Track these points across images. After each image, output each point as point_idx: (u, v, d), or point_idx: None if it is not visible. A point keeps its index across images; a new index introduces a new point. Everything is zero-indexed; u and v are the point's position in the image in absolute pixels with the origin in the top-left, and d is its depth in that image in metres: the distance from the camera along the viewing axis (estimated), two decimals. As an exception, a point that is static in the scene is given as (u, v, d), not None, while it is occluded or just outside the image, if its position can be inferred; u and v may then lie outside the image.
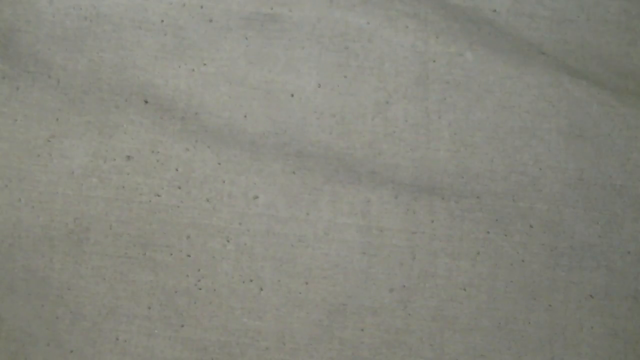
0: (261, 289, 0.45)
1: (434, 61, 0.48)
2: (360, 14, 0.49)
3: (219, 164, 0.47)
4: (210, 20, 0.48)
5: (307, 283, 0.45)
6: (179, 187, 0.46)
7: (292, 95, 0.48)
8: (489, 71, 0.48)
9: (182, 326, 0.45)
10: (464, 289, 0.45)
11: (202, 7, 0.48)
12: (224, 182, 0.47)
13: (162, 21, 0.48)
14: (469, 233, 0.46)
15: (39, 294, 0.44)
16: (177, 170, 0.46)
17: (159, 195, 0.46)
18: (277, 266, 0.45)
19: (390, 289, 0.45)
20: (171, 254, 0.45)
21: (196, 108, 0.47)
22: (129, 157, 0.46)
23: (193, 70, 0.48)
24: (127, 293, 0.43)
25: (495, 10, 0.49)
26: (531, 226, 0.46)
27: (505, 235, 0.46)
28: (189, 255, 0.45)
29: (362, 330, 0.45)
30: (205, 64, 0.48)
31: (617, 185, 0.47)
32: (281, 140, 0.47)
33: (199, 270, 0.45)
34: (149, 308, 0.44)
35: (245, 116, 0.47)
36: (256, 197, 0.47)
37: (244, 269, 0.45)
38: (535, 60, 0.48)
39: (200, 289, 0.45)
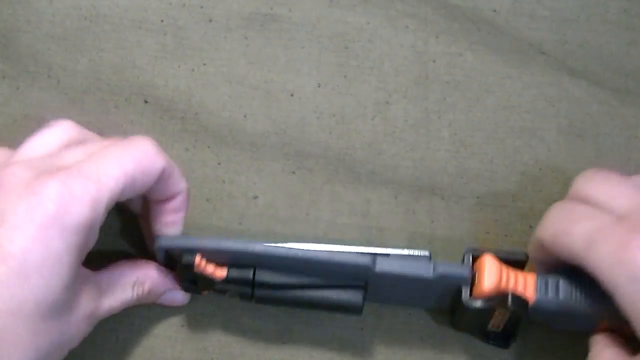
0: (261, 289, 0.45)
1: (434, 61, 0.48)
2: (360, 14, 0.49)
3: (219, 164, 0.47)
4: (210, 20, 0.48)
5: (307, 283, 0.45)
6: (179, 187, 0.46)
7: (292, 95, 0.48)
8: (489, 71, 0.48)
9: (182, 326, 0.45)
10: (464, 289, 0.45)
11: (202, 7, 0.48)
12: (224, 182, 0.47)
13: (162, 21, 0.48)
14: (468, 233, 0.46)
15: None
16: (177, 170, 0.46)
17: (159, 195, 0.46)
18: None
19: (390, 289, 0.45)
20: (171, 254, 0.45)
21: (196, 108, 0.47)
22: (129, 157, 0.45)
23: (193, 70, 0.48)
24: (127, 293, 0.43)
25: (495, 10, 0.49)
26: (531, 226, 0.46)
27: (505, 236, 0.46)
28: (189, 255, 0.45)
29: (362, 330, 0.45)
30: (205, 64, 0.48)
31: (617, 185, 0.47)
32: (281, 140, 0.47)
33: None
34: (149, 308, 0.44)
35: (245, 116, 0.47)
36: (256, 197, 0.47)
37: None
38: (535, 60, 0.48)
39: (200, 289, 0.45)
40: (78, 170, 0.36)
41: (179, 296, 0.43)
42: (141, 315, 0.44)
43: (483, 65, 0.48)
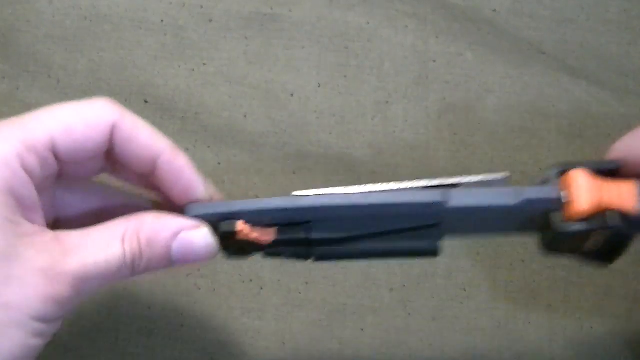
0: (261, 289, 0.45)
1: (434, 61, 0.48)
2: (360, 14, 0.49)
3: (219, 163, 0.47)
4: (210, 20, 0.48)
5: (307, 283, 0.45)
6: (179, 187, 0.46)
7: (292, 95, 0.48)
8: (489, 71, 0.48)
9: (182, 326, 0.45)
10: (464, 289, 0.45)
11: (202, 7, 0.48)
12: (224, 182, 0.47)
13: (162, 21, 0.48)
14: (469, 233, 0.46)
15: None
16: (177, 170, 0.46)
17: (159, 195, 0.46)
18: (277, 266, 0.45)
19: (390, 288, 0.45)
20: (171, 254, 0.45)
21: (196, 108, 0.47)
22: (129, 157, 0.45)
23: (193, 70, 0.48)
24: (127, 293, 0.43)
25: (495, 10, 0.49)
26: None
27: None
28: (188, 255, 0.45)
29: (362, 330, 0.45)
30: (205, 64, 0.48)
31: (617, 185, 0.47)
32: (281, 140, 0.47)
33: (198, 270, 0.45)
34: (149, 308, 0.44)
35: (245, 116, 0.47)
36: (256, 197, 0.47)
37: (244, 268, 0.45)
38: (535, 60, 0.48)
39: (200, 289, 0.45)
40: (3, 121, 0.35)
41: (198, 237, 0.34)
42: (141, 315, 0.44)
43: (483, 65, 0.48)
